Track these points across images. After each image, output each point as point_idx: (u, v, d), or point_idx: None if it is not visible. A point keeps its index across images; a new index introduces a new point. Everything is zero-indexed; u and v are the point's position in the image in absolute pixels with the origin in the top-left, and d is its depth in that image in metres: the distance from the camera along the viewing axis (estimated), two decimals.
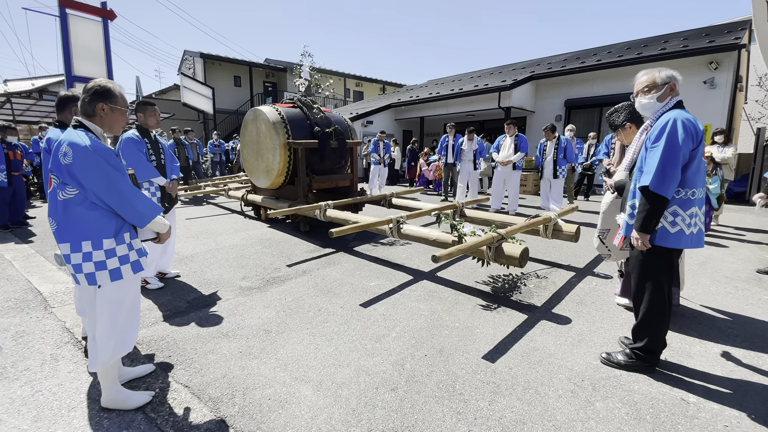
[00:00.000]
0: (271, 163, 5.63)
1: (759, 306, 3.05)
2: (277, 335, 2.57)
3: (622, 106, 2.96)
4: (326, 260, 4.25)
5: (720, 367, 2.20)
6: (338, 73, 24.96)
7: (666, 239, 2.02)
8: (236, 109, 21.87)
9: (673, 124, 1.95)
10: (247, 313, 2.91)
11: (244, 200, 6.72)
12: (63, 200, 1.63)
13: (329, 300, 3.15)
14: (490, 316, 2.85)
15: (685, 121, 1.95)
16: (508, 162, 6.76)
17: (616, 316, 2.86)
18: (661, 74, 2.11)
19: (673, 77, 2.10)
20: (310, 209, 4.79)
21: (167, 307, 3.02)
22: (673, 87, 2.09)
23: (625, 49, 11.98)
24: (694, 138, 1.95)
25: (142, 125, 3.37)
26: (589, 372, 2.16)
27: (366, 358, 2.29)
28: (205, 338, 2.53)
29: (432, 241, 3.44)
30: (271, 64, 23.48)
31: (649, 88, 2.12)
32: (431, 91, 15.37)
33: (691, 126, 1.95)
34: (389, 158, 9.96)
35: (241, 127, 6.25)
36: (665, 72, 2.11)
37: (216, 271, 3.86)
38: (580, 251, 4.57)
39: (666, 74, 2.10)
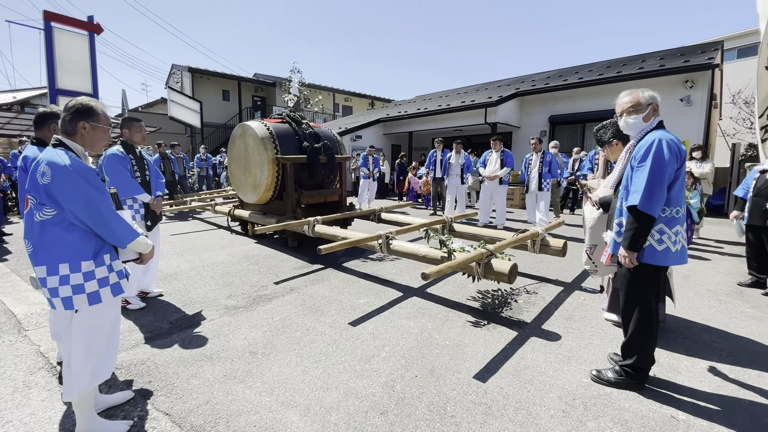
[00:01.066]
0: (259, 178, 5.58)
1: (742, 320, 3.10)
2: (264, 357, 2.49)
3: (609, 122, 3.03)
4: (315, 277, 4.19)
5: (707, 383, 2.22)
6: (327, 88, 25.19)
7: (653, 257, 2.04)
8: (224, 123, 21.79)
9: (658, 144, 1.99)
10: (233, 333, 2.83)
11: (230, 215, 6.63)
12: (40, 221, 1.57)
13: (317, 319, 3.09)
14: (480, 334, 2.83)
15: (669, 141, 2.00)
16: (494, 177, 6.85)
17: (605, 332, 2.87)
18: (645, 95, 2.16)
19: (655, 98, 2.17)
20: (298, 225, 4.74)
21: (149, 329, 2.92)
22: (656, 108, 2.16)
23: (605, 67, 12.42)
24: (678, 158, 2.00)
25: (128, 141, 3.32)
26: (580, 390, 2.15)
27: (355, 380, 2.24)
28: (188, 361, 2.44)
29: (421, 257, 3.43)
30: (260, 78, 23.57)
31: (633, 108, 2.16)
32: (419, 106, 15.61)
33: (675, 146, 2.00)
34: (378, 172, 10.00)
35: (229, 142, 6.21)
36: (648, 92, 2.17)
37: (201, 290, 3.76)
38: (568, 265, 4.61)
39: (649, 94, 2.16)
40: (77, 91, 9.21)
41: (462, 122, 12.71)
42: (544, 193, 6.54)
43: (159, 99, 24.70)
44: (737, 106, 11.02)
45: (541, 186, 6.49)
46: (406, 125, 14.70)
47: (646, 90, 2.21)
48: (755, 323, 3.03)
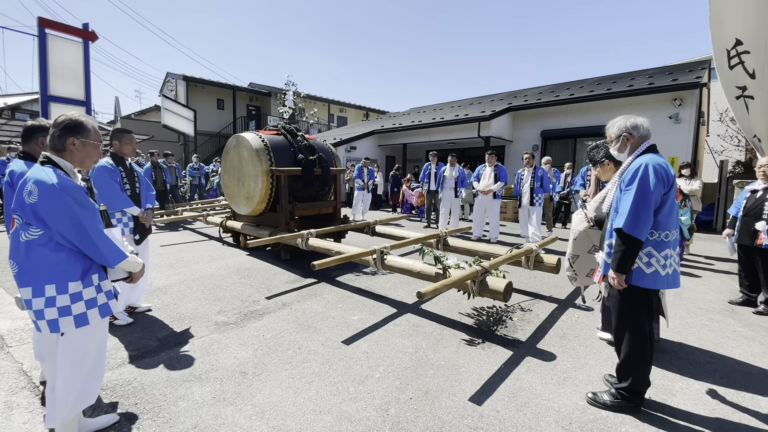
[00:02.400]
0: (252, 189, 5.54)
1: (734, 339, 3.11)
2: (254, 378, 2.43)
3: (602, 143, 3.08)
4: (307, 291, 4.13)
5: (702, 406, 2.21)
6: (322, 98, 25.33)
7: (642, 279, 2.05)
8: (218, 131, 21.74)
9: (645, 170, 2.02)
10: (222, 352, 2.76)
11: (222, 227, 6.55)
12: (26, 241, 1.53)
13: (310, 336, 3.03)
14: (475, 353, 2.80)
15: (657, 166, 2.02)
16: (488, 191, 6.89)
17: (600, 351, 2.86)
18: (612, 129, 2.27)
19: (627, 129, 2.20)
20: (291, 238, 4.70)
21: (135, 346, 2.83)
22: (627, 138, 2.21)
23: (596, 84, 12.68)
24: (665, 183, 2.02)
25: (117, 153, 3.27)
26: (576, 414, 2.12)
27: (348, 402, 2.19)
28: (176, 382, 2.36)
29: (416, 273, 3.41)
30: (255, 88, 23.64)
31: (611, 142, 2.30)
32: (414, 118, 15.74)
33: (662, 171, 2.02)
34: (373, 184, 10.00)
35: (223, 153, 6.17)
36: (619, 125, 2.25)
37: (190, 305, 3.68)
38: (561, 282, 4.61)
39: (617, 127, 2.24)
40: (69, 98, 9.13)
41: (455, 135, 12.82)
42: (536, 207, 6.59)
43: (152, 106, 24.60)
44: (724, 124, 11.29)
45: (533, 201, 6.53)
46: (400, 137, 14.79)
47: (618, 121, 2.26)
48: (747, 343, 3.04)
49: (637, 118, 2.23)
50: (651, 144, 2.18)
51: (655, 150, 2.17)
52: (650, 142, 2.19)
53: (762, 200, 3.53)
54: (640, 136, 2.20)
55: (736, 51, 4.89)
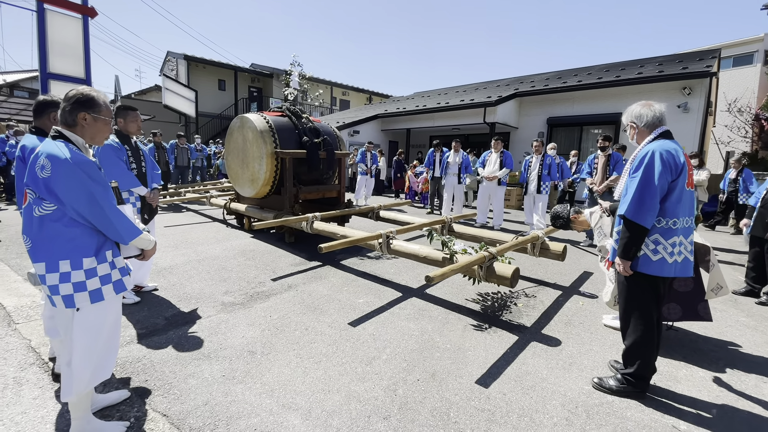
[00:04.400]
0: (257, 172, 5.50)
1: (737, 329, 3.13)
2: (263, 357, 2.45)
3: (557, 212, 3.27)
4: (313, 274, 4.14)
5: (706, 393, 2.23)
6: (325, 81, 24.95)
7: (648, 266, 2.05)
8: (219, 113, 21.50)
9: (651, 157, 2.00)
10: (230, 331, 2.78)
11: (226, 209, 6.54)
12: (39, 216, 1.51)
13: (317, 318, 3.05)
14: (481, 337, 2.82)
15: (664, 153, 1.99)
16: (493, 177, 6.85)
17: (605, 338, 2.88)
18: (623, 118, 2.30)
19: (631, 118, 2.21)
20: (296, 221, 4.69)
21: (143, 325, 2.85)
22: (633, 127, 2.22)
23: (604, 71, 12.46)
24: (673, 170, 1.99)
25: (122, 131, 3.23)
26: (582, 398, 2.15)
27: (356, 382, 2.21)
28: (185, 360, 2.39)
29: (422, 258, 3.40)
30: (257, 69, 23.27)
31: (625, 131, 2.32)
32: (418, 103, 15.54)
33: (670, 158, 1.99)
34: (376, 169, 9.94)
35: (227, 134, 6.10)
36: (624, 116, 2.28)
37: (196, 285, 3.69)
38: (565, 269, 4.62)
39: (625, 117, 2.27)
40: (69, 76, 8.97)
41: (460, 121, 12.68)
42: (542, 195, 6.55)
43: (153, 86, 24.27)
44: (732, 114, 11.15)
45: (540, 189, 6.49)
46: (404, 122, 14.63)
47: (631, 108, 2.26)
48: (750, 332, 3.07)
49: (646, 107, 2.19)
50: (663, 130, 2.14)
51: (669, 136, 2.13)
52: (663, 128, 2.15)
53: None
54: (646, 125, 2.17)
55: None
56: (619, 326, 3.00)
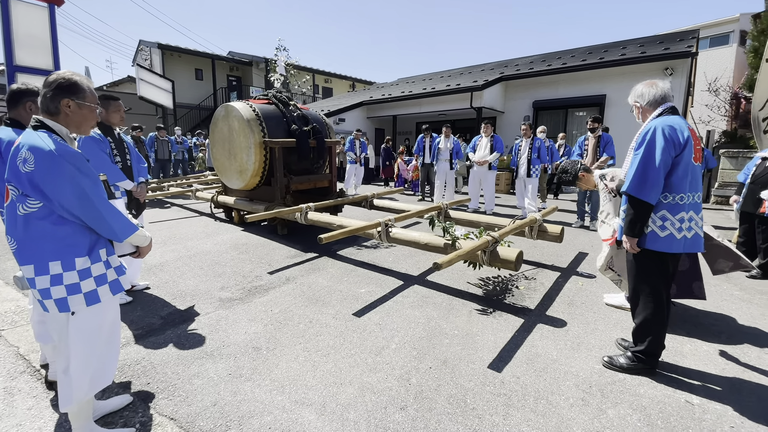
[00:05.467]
0: (245, 162, 5.32)
1: (733, 302, 3.21)
2: (269, 352, 2.37)
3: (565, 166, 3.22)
4: (310, 266, 4.05)
5: (713, 366, 2.27)
6: (307, 68, 24.37)
7: (656, 243, 2.04)
8: (198, 103, 20.82)
9: (653, 133, 2.00)
10: (231, 328, 2.68)
11: (214, 202, 6.34)
12: (24, 215, 1.37)
13: (319, 310, 2.98)
14: (487, 322, 2.81)
15: (666, 128, 1.98)
16: (484, 162, 6.83)
17: (608, 317, 2.90)
18: (629, 99, 2.29)
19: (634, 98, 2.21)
20: (290, 212, 4.56)
21: (139, 325, 2.73)
22: (636, 106, 2.22)
23: (587, 53, 12.51)
24: (677, 145, 1.98)
25: (104, 122, 3.03)
26: (594, 377, 2.16)
27: (368, 373, 2.16)
28: (188, 360, 2.29)
29: (423, 245, 3.36)
30: (235, 57, 22.53)
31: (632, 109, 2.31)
32: (403, 89, 15.34)
33: (673, 133, 1.98)
34: (365, 157, 9.80)
35: (211, 124, 5.87)
36: (630, 96, 2.27)
37: (190, 281, 3.56)
38: (561, 250, 4.66)
39: (630, 99, 2.26)
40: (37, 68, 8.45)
41: (447, 106, 12.58)
42: (532, 179, 6.57)
43: (126, 77, 23.24)
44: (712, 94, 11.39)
45: (530, 172, 6.51)
46: (389, 109, 14.44)
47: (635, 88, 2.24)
48: (745, 305, 3.15)
49: (648, 86, 2.19)
50: (668, 107, 2.12)
51: (674, 112, 2.11)
52: (667, 104, 2.13)
53: None
54: (648, 103, 2.17)
55: None
56: (620, 304, 3.06)
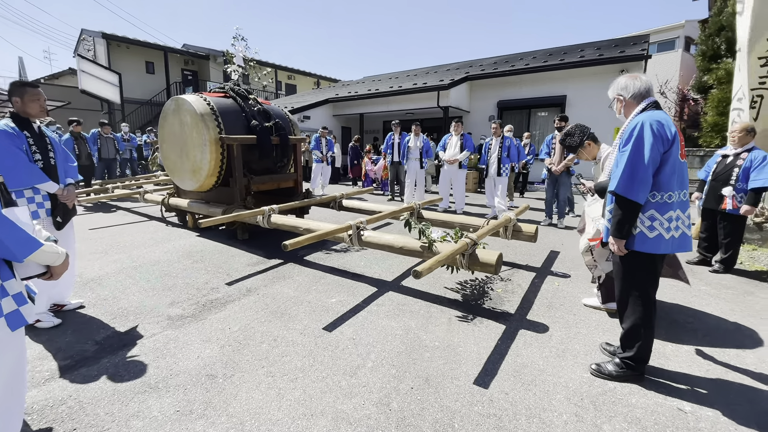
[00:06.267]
0: (199, 161, 4.86)
1: (702, 298, 3.25)
2: (226, 380, 2.05)
3: (572, 129, 3.04)
4: (274, 274, 3.72)
5: (697, 368, 2.22)
6: (268, 63, 23.47)
7: (644, 244, 1.94)
8: (149, 99, 19.45)
9: (640, 128, 1.89)
10: (182, 352, 2.33)
11: (165, 205, 5.78)
12: None
13: (285, 325, 2.68)
14: (468, 330, 2.63)
15: (654, 123, 1.88)
16: (454, 161, 6.73)
17: (588, 319, 2.82)
18: (609, 92, 2.19)
19: (618, 90, 2.10)
20: (251, 215, 4.19)
21: (68, 354, 2.30)
22: (620, 99, 2.11)
23: (548, 55, 12.87)
24: (665, 140, 1.88)
25: (20, 113, 2.55)
26: (584, 388, 2.03)
27: (343, 400, 1.91)
28: (126, 395, 1.92)
29: (398, 248, 3.14)
30: (190, 50, 21.27)
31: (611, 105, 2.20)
32: (369, 87, 15.10)
33: (661, 128, 1.88)
34: (331, 155, 9.47)
35: (160, 119, 5.33)
36: (610, 90, 2.17)
37: (134, 297, 3.13)
38: (533, 250, 4.62)
39: (611, 91, 2.16)
40: None
41: (414, 105, 12.49)
42: (502, 178, 6.55)
43: (67, 70, 21.32)
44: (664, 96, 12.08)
45: (501, 171, 6.49)
46: (356, 107, 14.15)
47: (616, 81, 2.15)
48: (714, 301, 3.19)
49: (631, 78, 2.08)
50: (651, 101, 2.03)
51: (657, 107, 2.03)
52: (651, 99, 2.04)
53: (732, 166, 3.66)
54: (633, 96, 2.06)
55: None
56: (597, 305, 3.00)
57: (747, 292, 3.37)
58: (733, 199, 3.60)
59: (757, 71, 4.27)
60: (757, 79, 4.27)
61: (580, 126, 3.05)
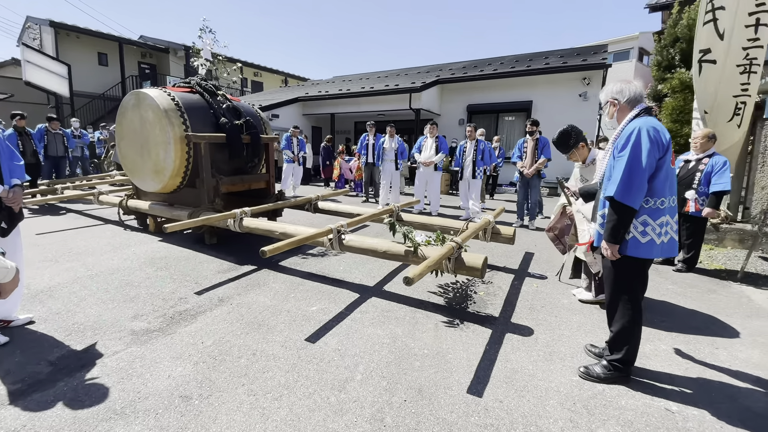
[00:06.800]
0: (162, 161, 4.54)
1: (670, 296, 3.40)
2: (202, 402, 1.87)
3: (569, 130, 3.07)
4: (248, 281, 3.51)
5: (677, 366, 2.29)
6: (234, 59, 22.60)
7: (637, 249, 1.97)
8: (102, 92, 18.17)
9: (638, 134, 1.91)
10: (150, 371, 2.11)
11: (123, 207, 5.36)
12: None
13: (264, 337, 2.51)
14: (456, 336, 2.58)
15: (650, 129, 1.92)
16: (430, 163, 6.74)
17: (569, 320, 2.87)
18: (601, 96, 2.22)
19: (613, 94, 2.11)
20: (222, 219, 3.95)
21: (17, 377, 2.02)
22: (614, 103, 2.12)
23: (515, 61, 13.27)
24: (660, 147, 1.93)
25: None
26: (575, 391, 2.03)
27: (334, 418, 1.79)
28: (88, 423, 1.70)
29: (382, 253, 3.05)
30: (148, 42, 20.08)
31: (603, 109, 2.21)
32: (340, 87, 14.92)
33: (657, 135, 1.92)
34: (303, 155, 9.22)
35: (118, 115, 4.94)
36: (603, 94, 2.20)
37: (91, 310, 2.83)
38: (509, 251, 4.68)
39: (604, 95, 2.18)
40: None
41: (386, 107, 12.45)
42: (476, 180, 6.63)
43: (9, 60, 19.44)
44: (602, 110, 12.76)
45: (475, 174, 6.56)
46: (327, 106, 13.91)
47: (606, 88, 2.18)
48: (682, 299, 3.35)
49: (626, 83, 2.12)
50: (645, 107, 2.07)
51: (649, 113, 2.07)
52: (644, 104, 2.08)
53: (694, 170, 3.86)
54: (628, 101, 2.09)
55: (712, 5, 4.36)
56: (590, 299, 3.09)
57: (710, 290, 3.57)
58: (696, 202, 3.81)
59: (738, 78, 4.45)
60: (738, 86, 4.44)
61: (575, 128, 3.08)
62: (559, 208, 3.27)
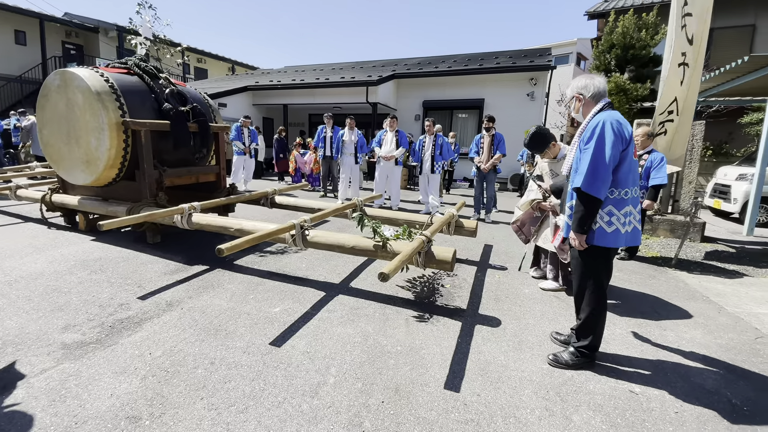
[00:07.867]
0: (94, 150, 4.02)
1: (618, 282, 3.62)
2: (154, 422, 1.64)
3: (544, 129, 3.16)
4: (200, 283, 3.21)
5: (633, 349, 2.43)
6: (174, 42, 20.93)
7: (604, 239, 2.05)
8: (20, 74, 15.99)
9: (602, 127, 1.98)
10: (88, 390, 1.82)
11: (46, 203, 4.71)
12: None
13: (223, 343, 2.29)
14: (427, 330, 2.54)
15: (614, 123, 1.99)
16: (391, 157, 6.68)
17: (532, 309, 2.94)
18: (567, 91, 2.31)
19: (578, 89, 2.18)
20: (167, 215, 3.58)
21: None
22: (579, 98, 2.19)
23: (468, 60, 13.61)
24: (623, 139, 2.01)
25: None
26: (546, 379, 2.07)
27: (308, 427, 1.65)
28: None
29: (350, 248, 2.92)
30: (74, 20, 17.97)
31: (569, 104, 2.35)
32: (294, 77, 14.36)
33: (620, 128, 2.00)
34: (255, 148, 8.74)
35: (39, 98, 4.30)
36: (569, 89, 2.26)
37: (10, 322, 2.42)
38: (469, 244, 4.75)
39: (570, 90, 2.25)
40: None
41: (342, 99, 12.20)
42: (435, 175, 6.69)
43: None
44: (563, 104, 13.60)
45: (434, 168, 6.61)
46: (280, 97, 13.34)
47: (573, 83, 2.24)
48: (629, 285, 3.59)
49: (590, 78, 2.19)
50: (607, 101, 2.14)
51: (612, 107, 2.15)
52: (606, 99, 2.15)
53: None
54: (592, 96, 2.15)
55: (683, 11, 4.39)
56: (553, 287, 3.22)
57: (650, 276, 3.87)
58: None
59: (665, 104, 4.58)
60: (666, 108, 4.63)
61: (543, 128, 3.21)
62: (528, 204, 3.35)
